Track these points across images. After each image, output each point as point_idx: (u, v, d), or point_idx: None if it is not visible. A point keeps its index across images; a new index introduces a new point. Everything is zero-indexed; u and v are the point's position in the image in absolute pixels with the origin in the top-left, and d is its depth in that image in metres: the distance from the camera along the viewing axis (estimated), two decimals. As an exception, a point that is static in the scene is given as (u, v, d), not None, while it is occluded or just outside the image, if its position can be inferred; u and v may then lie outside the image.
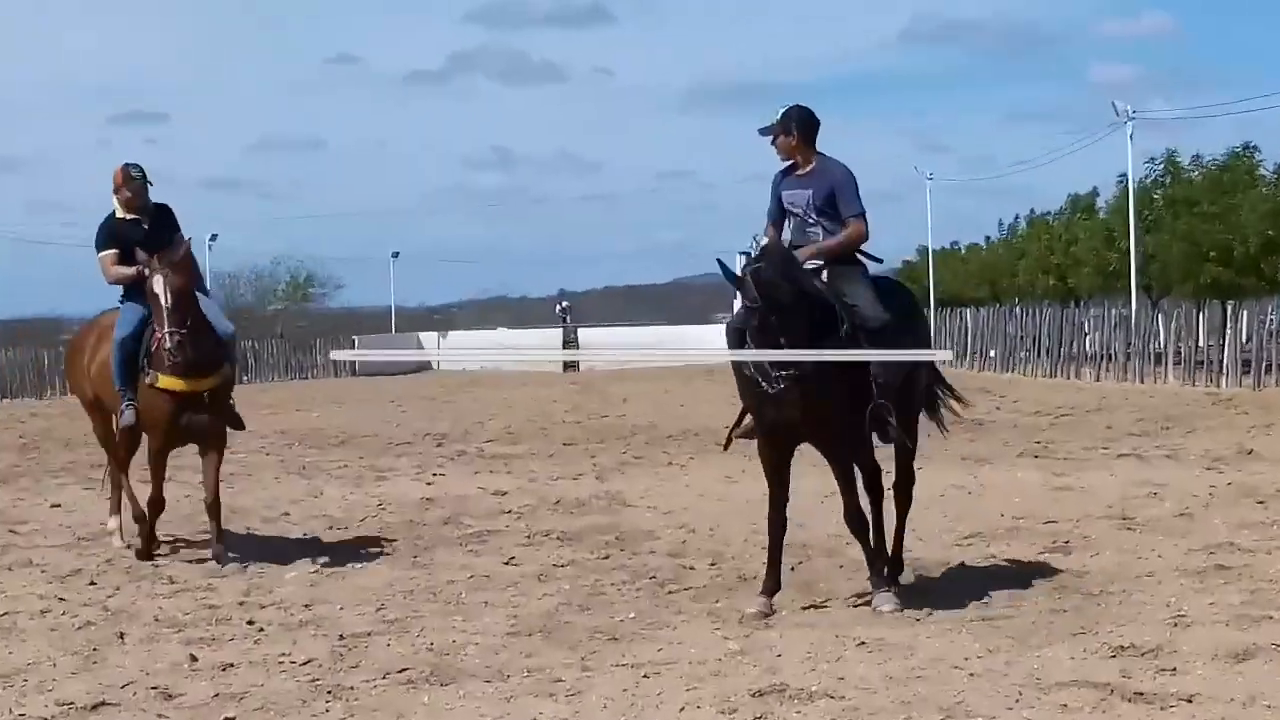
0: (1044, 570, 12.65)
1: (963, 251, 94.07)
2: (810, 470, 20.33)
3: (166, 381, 13.86)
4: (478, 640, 10.72)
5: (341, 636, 10.93)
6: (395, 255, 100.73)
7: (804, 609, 11.62)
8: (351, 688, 9.48)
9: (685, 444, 25.58)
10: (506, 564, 13.83)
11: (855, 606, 11.60)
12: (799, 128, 11.83)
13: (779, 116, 11.84)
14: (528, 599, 12.25)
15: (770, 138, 11.94)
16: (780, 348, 10.99)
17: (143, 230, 14.32)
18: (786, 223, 12.00)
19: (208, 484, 14.29)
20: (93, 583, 13.30)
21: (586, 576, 13.15)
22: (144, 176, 14.37)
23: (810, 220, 11.82)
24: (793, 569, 13.06)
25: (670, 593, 12.34)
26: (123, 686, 9.65)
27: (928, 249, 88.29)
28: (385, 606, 11.96)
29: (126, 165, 14.35)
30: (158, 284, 13.58)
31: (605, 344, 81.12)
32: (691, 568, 13.36)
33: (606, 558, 14.06)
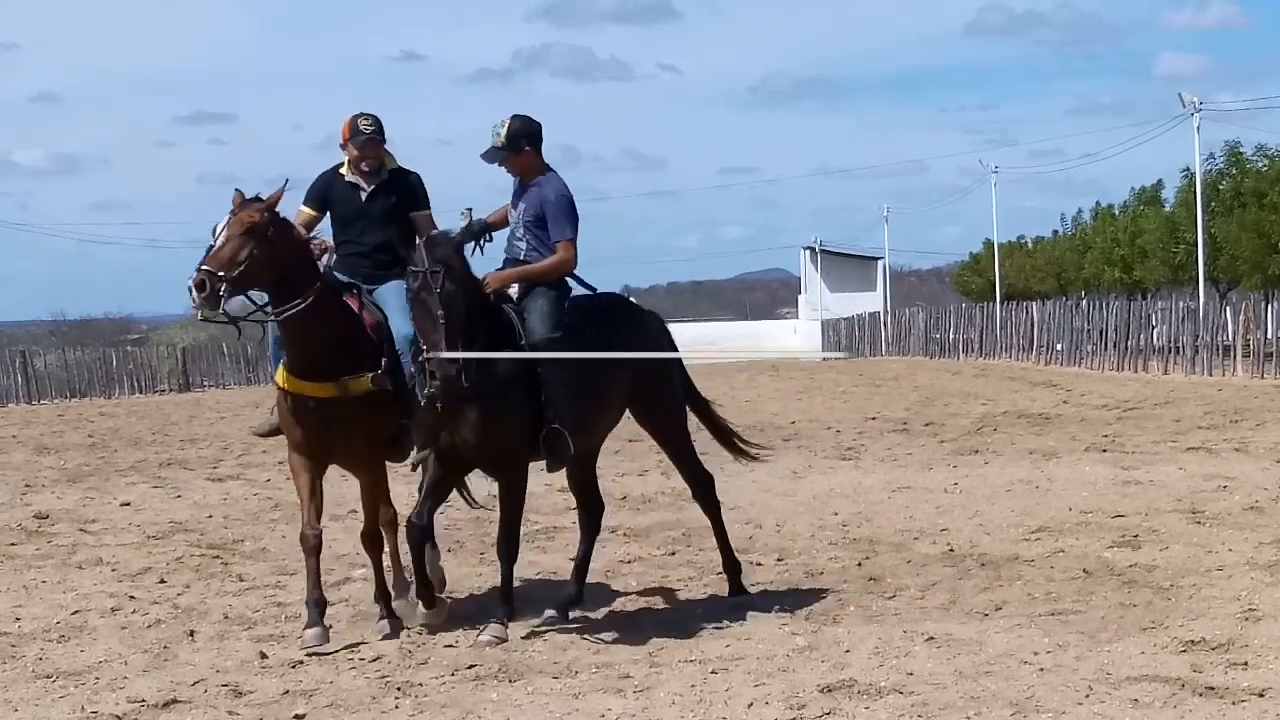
0: (1113, 565, 12.57)
1: (1028, 245, 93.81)
2: (878, 465, 20.39)
3: (279, 375, 11.19)
4: (545, 637, 10.73)
5: (410, 633, 10.96)
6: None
7: (871, 604, 11.56)
8: (420, 684, 9.52)
9: (751, 439, 25.45)
10: (573, 561, 13.81)
11: (921, 599, 11.56)
12: (529, 142, 11.05)
13: (503, 135, 10.98)
14: (595, 595, 12.26)
15: (498, 163, 11.11)
16: (439, 324, 10.17)
17: (359, 197, 11.45)
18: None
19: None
20: (162, 581, 13.38)
21: (653, 573, 13.15)
22: (378, 131, 11.42)
23: (517, 235, 11.16)
24: (860, 564, 13.03)
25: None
26: (193, 684, 9.71)
27: (993, 243, 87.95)
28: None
29: (356, 115, 11.44)
30: (220, 224, 10.63)
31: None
32: (758, 564, 13.34)
33: (673, 554, 14.05)
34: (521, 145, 10.99)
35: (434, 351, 10.15)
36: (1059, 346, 51.91)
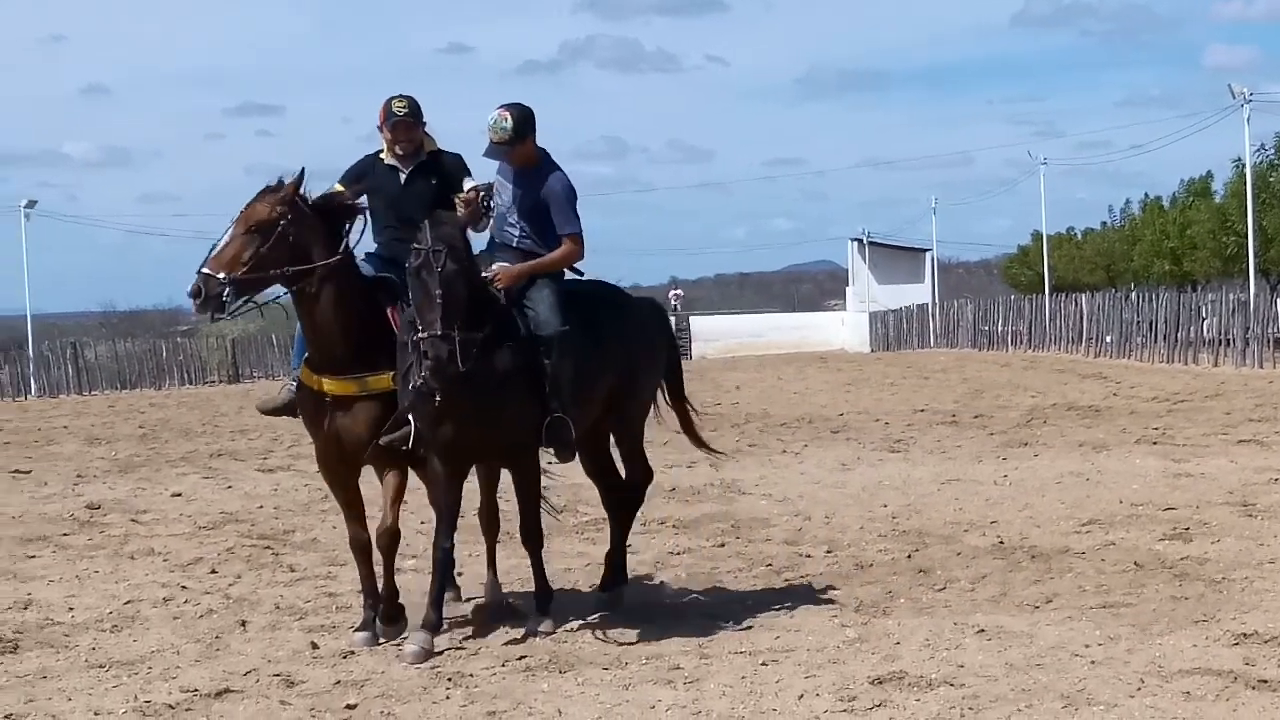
0: (1164, 557, 12.52)
1: (1077, 237, 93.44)
2: (926, 458, 20.34)
3: (301, 371, 10.86)
4: (596, 628, 10.75)
5: (461, 624, 10.99)
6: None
7: (922, 596, 11.54)
8: (471, 675, 9.54)
9: (799, 431, 25.55)
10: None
11: (971, 591, 11.53)
12: (530, 129, 10.70)
13: (510, 129, 10.57)
14: (644, 586, 12.27)
15: (504, 158, 10.74)
16: (435, 304, 9.86)
17: (398, 180, 11.08)
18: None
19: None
20: (214, 571, 13.44)
21: (703, 564, 13.15)
22: (412, 113, 11.07)
23: (510, 220, 10.85)
24: (909, 556, 13.01)
25: (787, 580, 12.33)
26: (245, 674, 9.75)
27: (1042, 234, 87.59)
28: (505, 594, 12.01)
29: (390, 98, 11.12)
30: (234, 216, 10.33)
31: (716, 332, 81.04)
32: (808, 555, 13.33)
33: (722, 545, 14.05)
34: (526, 134, 10.67)
35: (429, 331, 9.81)
36: (1108, 339, 51.65)
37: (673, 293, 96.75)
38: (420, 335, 9.85)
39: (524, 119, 10.61)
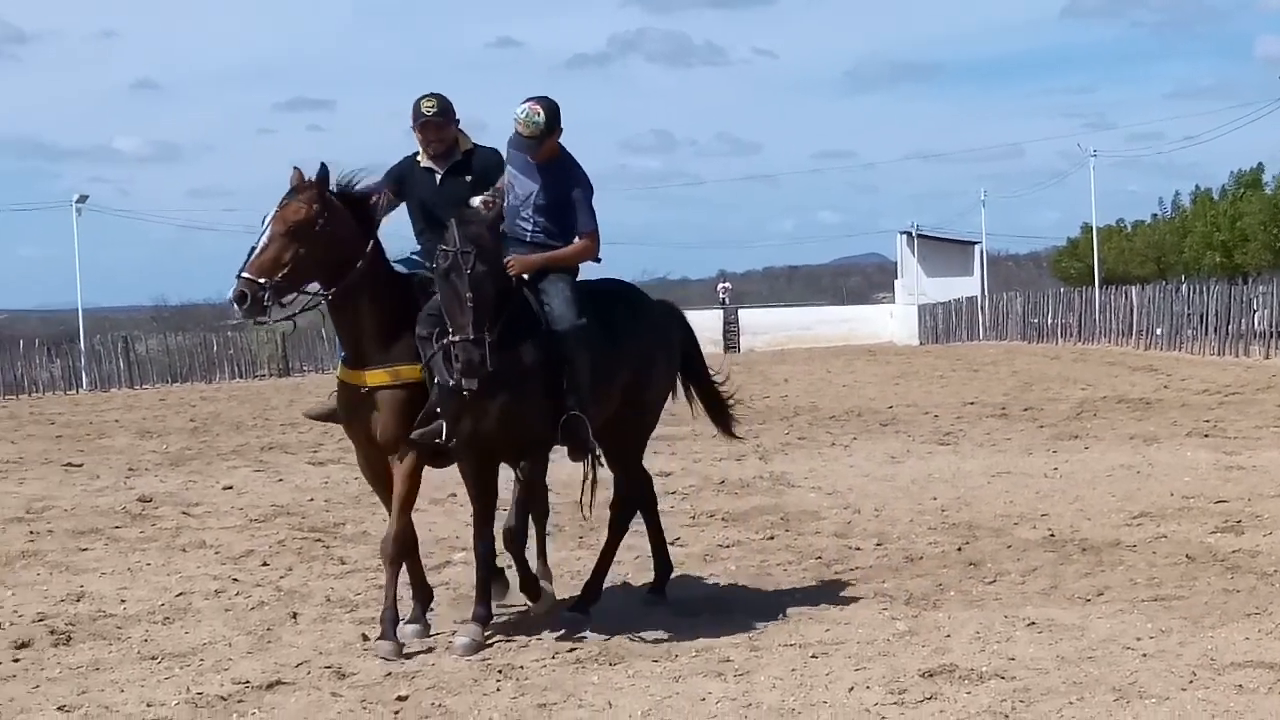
0: (1216, 550, 12.47)
1: (1127, 229, 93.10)
2: (976, 450, 20.29)
3: (340, 371, 10.83)
4: (646, 620, 10.75)
5: (510, 616, 11.00)
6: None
7: (972, 589, 11.51)
8: (521, 667, 9.56)
9: (848, 424, 25.52)
10: (672, 544, 13.79)
11: (1022, 584, 11.50)
12: (558, 124, 10.51)
13: (540, 122, 10.34)
14: (694, 579, 12.28)
15: (532, 151, 10.47)
16: (466, 306, 9.72)
17: (434, 181, 10.91)
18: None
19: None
20: (265, 564, 13.49)
21: (752, 557, 13.15)
22: (441, 112, 10.85)
23: (524, 214, 10.60)
24: (960, 549, 12.98)
25: (836, 573, 12.31)
26: (296, 666, 9.78)
27: (1092, 227, 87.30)
28: (553, 586, 12.01)
29: (420, 97, 10.88)
30: (269, 214, 10.08)
31: (764, 325, 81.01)
32: (857, 548, 13.31)
33: (772, 538, 14.04)
34: (555, 128, 10.47)
35: (461, 335, 9.67)
36: (1158, 331, 51.48)
37: (721, 285, 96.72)
38: (452, 339, 9.73)
39: (554, 113, 10.44)
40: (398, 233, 10.97)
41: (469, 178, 10.90)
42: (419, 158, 11.00)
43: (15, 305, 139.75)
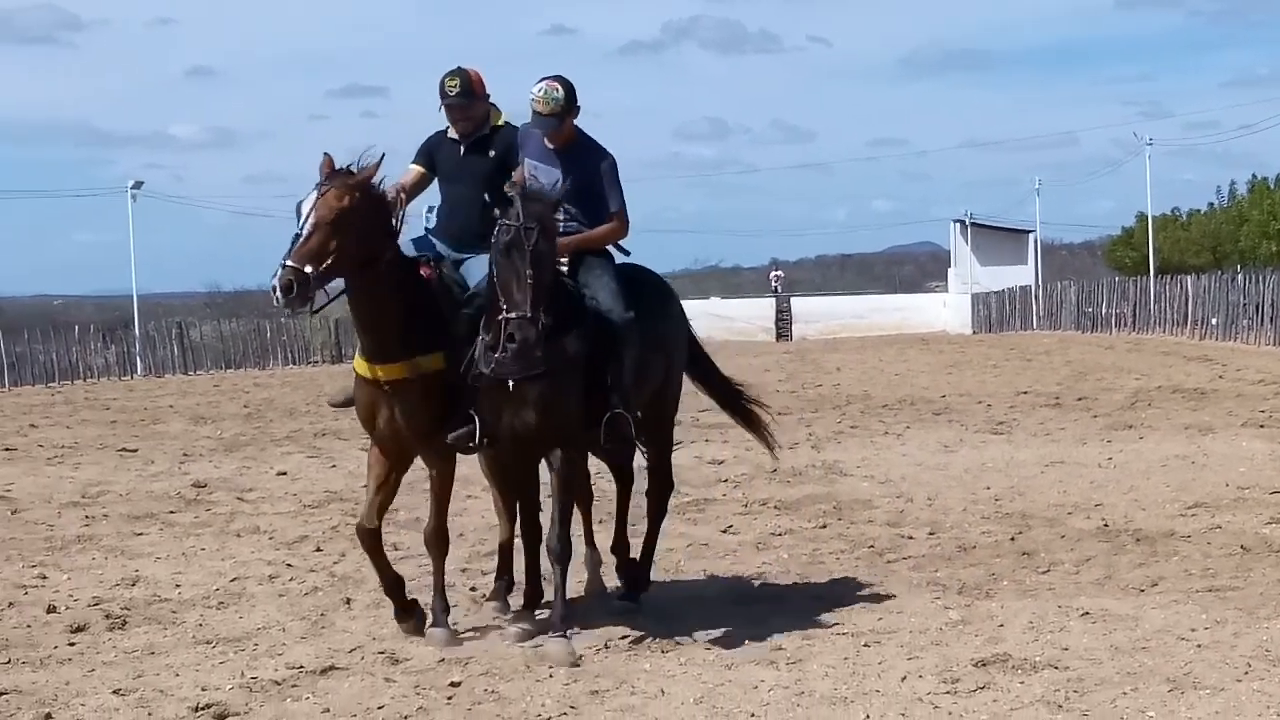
0: (1271, 541, 12.40)
1: (1183, 218, 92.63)
2: (1030, 440, 20.23)
3: (356, 363, 10.44)
4: (698, 608, 10.76)
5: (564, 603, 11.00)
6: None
7: (1025, 579, 11.48)
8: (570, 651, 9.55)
9: (901, 413, 25.47)
10: (724, 533, 13.87)
11: (1076, 574, 11.46)
12: (576, 103, 10.18)
13: (559, 99, 10.03)
14: (746, 567, 12.28)
15: (552, 130, 10.15)
16: (525, 283, 9.30)
17: (458, 153, 10.72)
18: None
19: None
20: (319, 549, 13.53)
21: (805, 545, 13.14)
22: (463, 93, 10.58)
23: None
24: (1013, 538, 12.95)
25: (889, 562, 12.29)
26: (350, 651, 9.82)
27: (1147, 216, 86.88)
28: (605, 574, 12.01)
29: (444, 76, 10.64)
30: (306, 201, 9.70)
31: (817, 313, 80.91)
32: (910, 537, 13.29)
33: (824, 527, 14.03)
34: (573, 107, 10.12)
35: (518, 312, 9.23)
36: (1214, 321, 51.21)
37: (774, 273, 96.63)
38: (508, 315, 9.29)
39: (572, 91, 10.09)
40: (415, 210, 10.65)
41: (492, 153, 10.65)
42: (449, 131, 10.79)
43: (71, 291, 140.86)
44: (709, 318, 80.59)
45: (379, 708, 8.54)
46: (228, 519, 15.43)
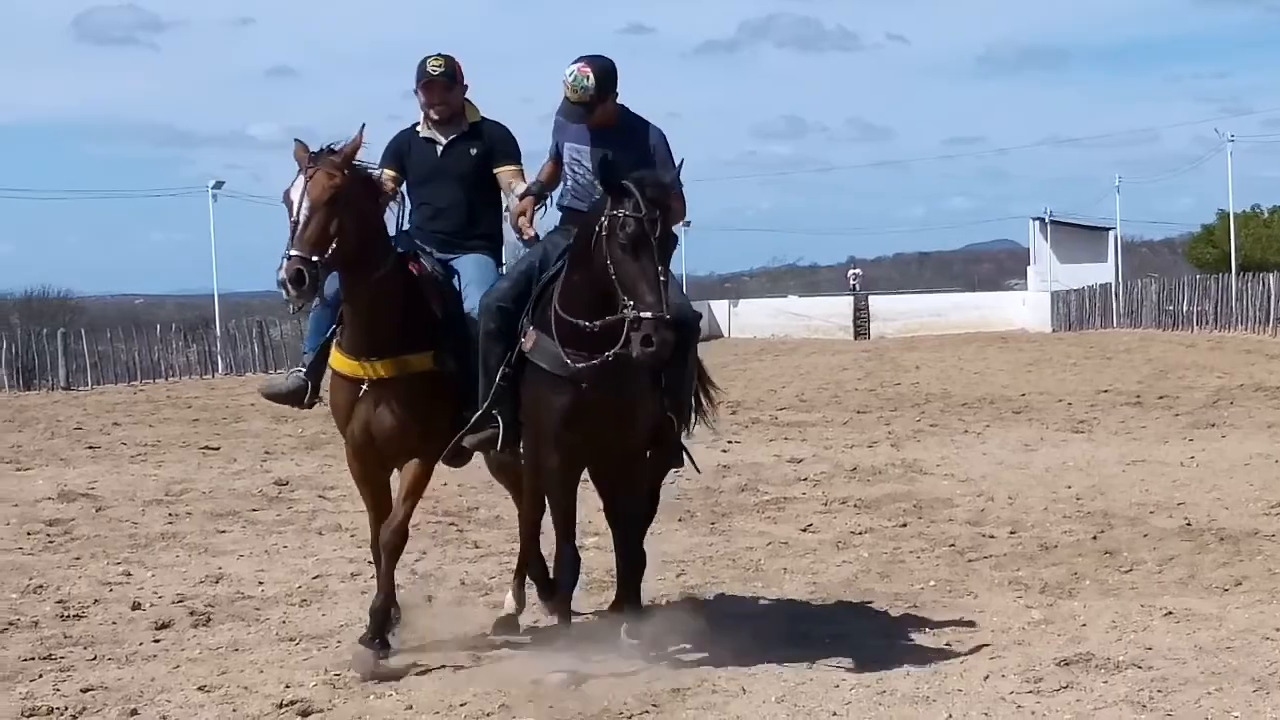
0: (1357, 540, 12.31)
1: (1264, 215, 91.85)
2: (1111, 438, 20.12)
3: (332, 357, 9.74)
4: (778, 606, 10.76)
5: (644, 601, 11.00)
6: (687, 224, 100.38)
7: (1108, 578, 11.42)
8: (652, 649, 9.53)
9: (981, 411, 25.37)
10: (804, 531, 13.85)
11: (1159, 573, 11.39)
12: (613, 86, 9.48)
13: (589, 86, 9.33)
14: (826, 566, 12.26)
15: (584, 120, 9.48)
16: (658, 280, 8.57)
17: (434, 152, 10.08)
18: (565, 183, 9.72)
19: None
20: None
21: (885, 544, 13.11)
22: (447, 74, 10.00)
23: (600, 188, 9.19)
24: (1095, 537, 12.89)
25: (970, 561, 12.25)
26: (432, 648, 9.86)
27: (1228, 213, 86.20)
28: (685, 572, 12.05)
29: (426, 56, 10.07)
30: (295, 188, 9.04)
31: (894, 312, 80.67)
32: (991, 536, 13.25)
33: (904, 525, 14.00)
34: (609, 91, 9.43)
35: (654, 313, 8.43)
36: (1297, 318, 50.77)
37: (851, 272, 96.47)
38: (641, 316, 8.47)
39: (606, 74, 9.39)
40: None
41: (474, 150, 10.02)
42: (418, 128, 10.15)
43: (152, 290, 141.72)
44: (786, 316, 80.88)
45: (461, 704, 8.57)
46: (309, 517, 15.52)
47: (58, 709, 8.60)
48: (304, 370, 9.96)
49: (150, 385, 48.78)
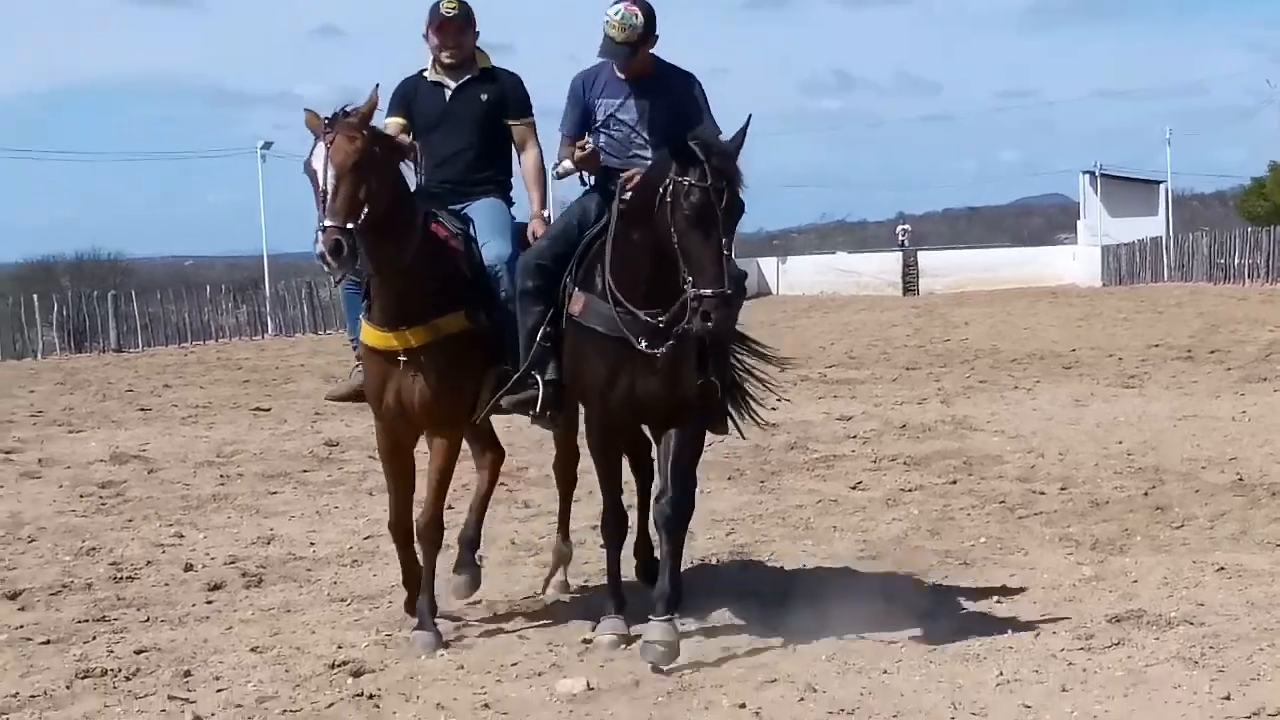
0: None
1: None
2: (1162, 393, 20.01)
3: (366, 332, 9.37)
4: (828, 564, 10.76)
5: (693, 560, 11.02)
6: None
7: (1159, 534, 11.38)
8: (703, 608, 9.55)
9: (1030, 367, 25.28)
10: (854, 489, 13.83)
11: (1210, 529, 11.35)
12: (655, 29, 9.09)
13: (638, 25, 8.95)
14: (876, 524, 12.25)
15: (628, 59, 9.07)
16: (721, 253, 8.14)
17: (443, 97, 9.80)
18: (596, 140, 9.21)
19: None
20: (450, 507, 13.50)
21: (935, 501, 13.08)
22: (463, 14, 9.73)
23: (640, 142, 9.13)
24: (1146, 493, 12.84)
25: (1020, 518, 12.22)
26: (483, 606, 9.90)
27: (1279, 165, 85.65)
28: (735, 531, 12.06)
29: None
30: (316, 157, 8.66)
31: (944, 267, 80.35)
32: (1041, 492, 13.21)
33: (954, 483, 13.96)
34: (653, 32, 9.05)
35: (714, 289, 7.99)
36: (1349, 272, 50.44)
37: (900, 227, 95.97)
38: (701, 293, 8.02)
39: (651, 14, 9.03)
40: None
41: (486, 95, 9.73)
42: (425, 73, 9.84)
43: (202, 251, 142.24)
44: (835, 273, 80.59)
45: (513, 664, 8.60)
46: (360, 478, 15.55)
47: (111, 670, 8.66)
48: (360, 364, 9.70)
49: (200, 347, 48.98)
